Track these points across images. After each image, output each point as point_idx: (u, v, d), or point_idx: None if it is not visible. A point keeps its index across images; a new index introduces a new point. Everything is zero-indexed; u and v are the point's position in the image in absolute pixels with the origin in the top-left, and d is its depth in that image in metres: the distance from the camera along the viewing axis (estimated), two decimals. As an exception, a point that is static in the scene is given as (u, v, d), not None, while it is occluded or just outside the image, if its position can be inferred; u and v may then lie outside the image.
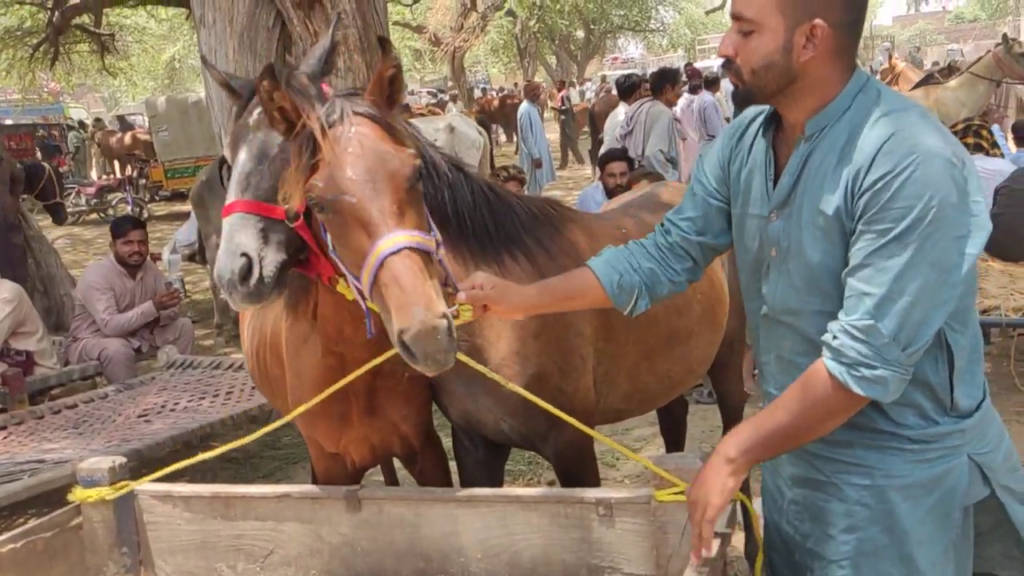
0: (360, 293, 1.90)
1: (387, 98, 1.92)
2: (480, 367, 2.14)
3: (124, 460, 2.56)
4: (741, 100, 1.73)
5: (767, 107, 1.78)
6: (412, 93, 28.06)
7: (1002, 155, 7.14)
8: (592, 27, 37.83)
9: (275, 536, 2.56)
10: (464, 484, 2.79)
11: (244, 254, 2.00)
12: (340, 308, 2.18)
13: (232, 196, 2.07)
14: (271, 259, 2.02)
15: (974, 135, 7.27)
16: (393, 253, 1.72)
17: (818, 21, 1.58)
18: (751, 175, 1.81)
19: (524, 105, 12.88)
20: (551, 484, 4.47)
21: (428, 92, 30.14)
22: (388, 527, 2.50)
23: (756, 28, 1.62)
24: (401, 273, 1.70)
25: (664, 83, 7.67)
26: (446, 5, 25.61)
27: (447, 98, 24.70)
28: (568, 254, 2.46)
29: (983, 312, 4.58)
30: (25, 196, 8.78)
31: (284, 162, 1.98)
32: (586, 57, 40.48)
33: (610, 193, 6.00)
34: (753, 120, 1.85)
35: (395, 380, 2.44)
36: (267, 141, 2.08)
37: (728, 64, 1.70)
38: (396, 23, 24.76)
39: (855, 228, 1.57)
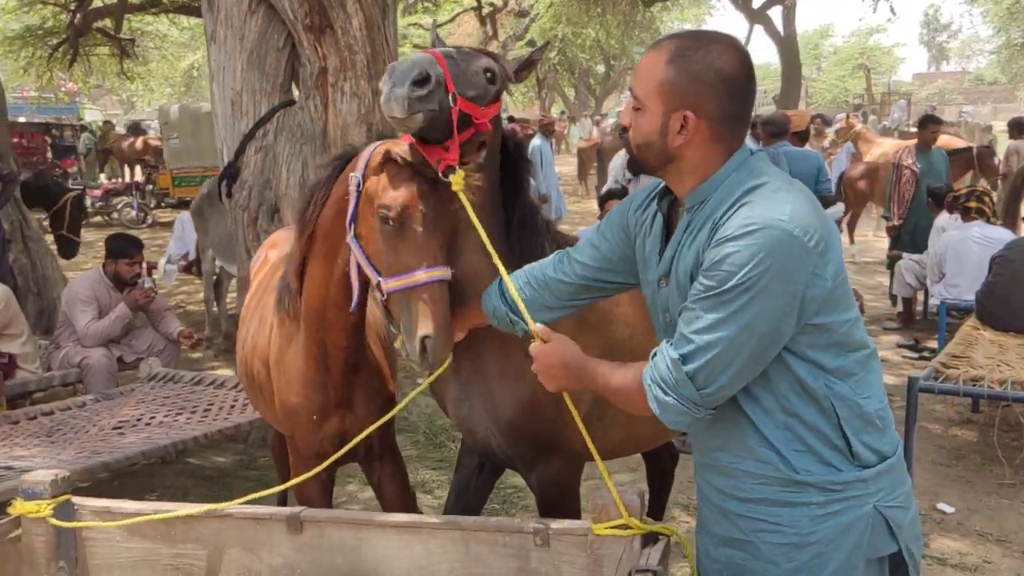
0: (359, 276, 2.40)
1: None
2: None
3: (67, 474, 2.56)
4: (632, 169, 1.87)
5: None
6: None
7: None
8: (612, 63, 38.13)
9: (215, 557, 2.54)
10: (456, 485, 2.96)
11: None
12: (324, 297, 2.59)
13: None
14: None
15: (976, 200, 7.29)
16: (439, 281, 2.19)
17: (688, 113, 1.69)
18: (653, 242, 1.92)
19: (536, 140, 12.84)
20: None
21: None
22: (329, 550, 2.49)
23: (641, 106, 1.75)
24: (439, 298, 2.19)
25: None
26: (467, 32, 25.84)
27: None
28: None
29: (972, 381, 4.51)
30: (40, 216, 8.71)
31: None
32: (604, 92, 40.78)
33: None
34: (659, 187, 1.96)
35: (368, 375, 2.83)
36: None
37: (623, 133, 1.86)
38: (417, 46, 24.96)
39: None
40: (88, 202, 15.33)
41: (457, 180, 2.21)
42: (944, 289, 7.08)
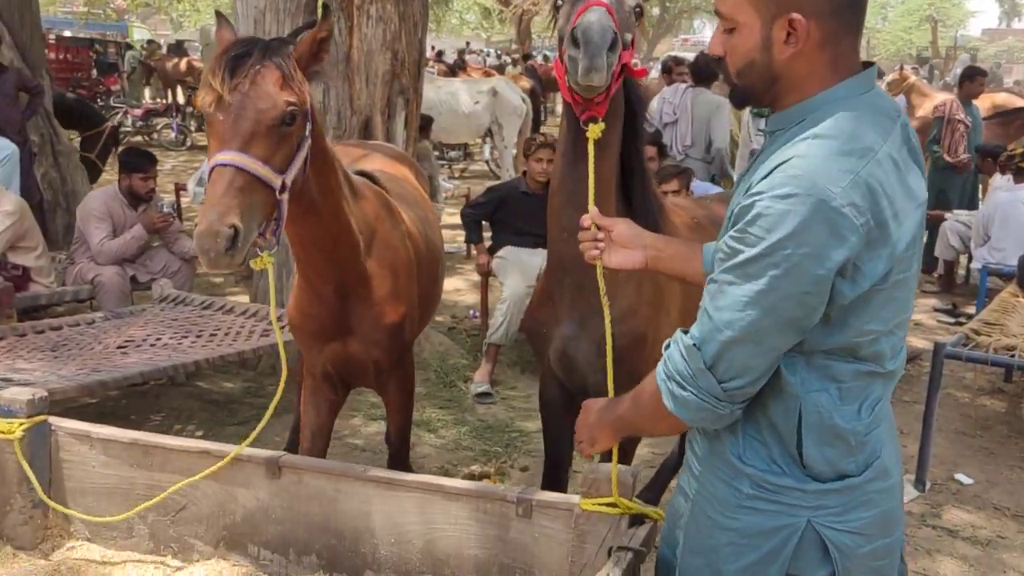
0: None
1: (313, 54, 2.26)
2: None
3: (45, 394, 2.49)
4: (737, 102, 1.62)
5: None
6: (475, 52, 27.75)
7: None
8: (668, 4, 37.09)
9: (190, 491, 2.50)
10: (550, 442, 3.00)
11: None
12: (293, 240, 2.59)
13: None
14: None
15: (1032, 161, 6.92)
16: (220, 165, 2.00)
17: (795, 15, 1.41)
18: None
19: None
20: (524, 470, 4.35)
21: (496, 53, 29.81)
22: (305, 498, 2.44)
23: (735, 25, 1.48)
24: (215, 181, 2.00)
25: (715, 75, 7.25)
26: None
27: (509, 60, 24.41)
28: (667, 220, 2.71)
29: (1005, 350, 4.29)
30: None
31: None
32: (658, 35, 39.74)
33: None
34: None
35: (363, 304, 2.80)
36: None
37: (720, 63, 1.64)
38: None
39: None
40: (129, 121, 15.38)
41: (594, 131, 2.17)
42: (988, 253, 6.78)
